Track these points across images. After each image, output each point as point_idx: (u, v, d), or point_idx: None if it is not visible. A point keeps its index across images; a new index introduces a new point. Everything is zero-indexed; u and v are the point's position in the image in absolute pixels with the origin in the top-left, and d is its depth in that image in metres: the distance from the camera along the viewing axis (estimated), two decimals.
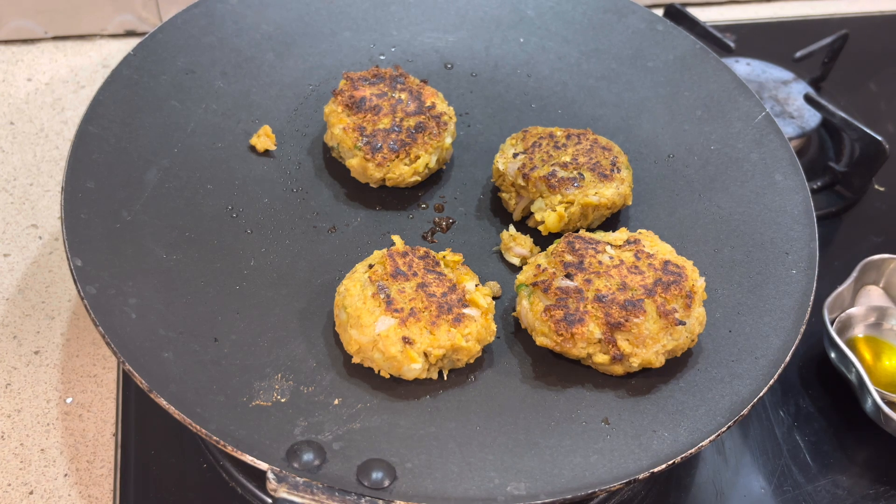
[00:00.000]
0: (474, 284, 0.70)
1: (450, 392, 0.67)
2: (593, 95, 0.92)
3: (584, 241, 0.72)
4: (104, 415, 0.80)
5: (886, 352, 0.85)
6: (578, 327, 0.66)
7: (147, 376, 0.63)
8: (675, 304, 0.68)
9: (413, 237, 0.79)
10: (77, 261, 0.68)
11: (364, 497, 0.58)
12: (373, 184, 0.81)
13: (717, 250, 0.78)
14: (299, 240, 0.77)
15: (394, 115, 0.81)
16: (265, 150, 0.83)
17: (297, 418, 0.64)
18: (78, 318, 0.87)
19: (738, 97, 0.89)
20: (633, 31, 0.96)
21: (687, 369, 0.69)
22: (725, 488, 0.79)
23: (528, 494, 0.61)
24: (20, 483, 0.75)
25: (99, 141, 0.77)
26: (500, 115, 0.90)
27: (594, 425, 0.66)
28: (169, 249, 0.73)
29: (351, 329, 0.66)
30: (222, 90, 0.86)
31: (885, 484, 0.80)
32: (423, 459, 0.62)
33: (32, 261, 0.92)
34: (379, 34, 0.94)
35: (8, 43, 1.15)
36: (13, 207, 0.96)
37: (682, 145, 0.87)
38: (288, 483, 0.58)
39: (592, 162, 0.78)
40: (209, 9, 0.90)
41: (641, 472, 0.62)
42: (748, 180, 0.83)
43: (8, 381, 0.82)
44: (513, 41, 0.96)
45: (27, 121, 1.06)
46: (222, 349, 0.67)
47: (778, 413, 0.84)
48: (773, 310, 0.73)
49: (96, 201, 0.73)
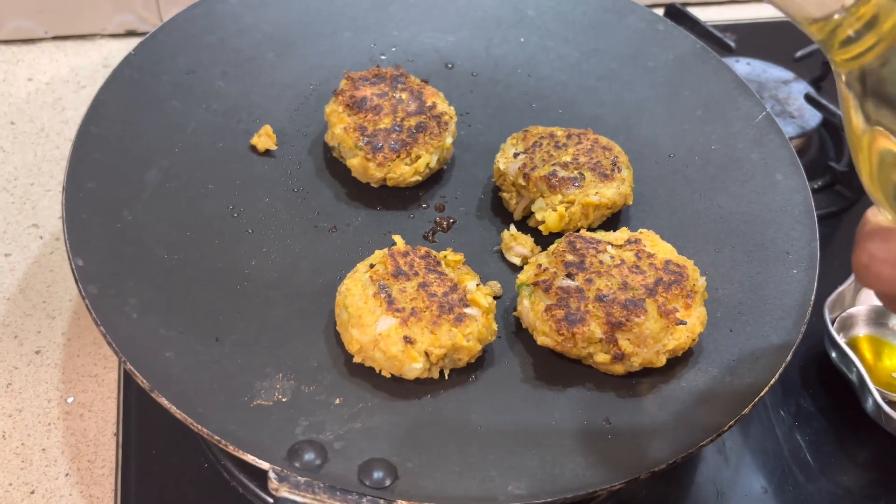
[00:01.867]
0: (475, 284, 0.70)
1: (451, 391, 0.67)
2: (594, 95, 0.92)
3: (585, 240, 0.72)
4: (105, 414, 0.80)
5: (887, 351, 0.85)
6: (579, 327, 0.66)
7: (148, 376, 0.63)
8: (676, 304, 0.68)
9: (414, 237, 0.79)
10: (78, 260, 0.68)
11: (365, 496, 0.58)
12: (374, 183, 0.81)
13: (717, 250, 0.78)
14: (300, 239, 0.77)
15: (395, 114, 0.81)
16: (266, 150, 0.83)
17: (298, 418, 0.64)
18: (79, 317, 0.87)
19: (739, 97, 0.89)
20: (633, 31, 0.96)
21: (688, 369, 0.69)
22: (726, 488, 0.79)
23: (528, 494, 0.61)
24: (21, 483, 0.76)
25: (100, 141, 0.77)
26: (501, 115, 0.90)
27: (595, 425, 0.66)
28: (170, 249, 0.73)
29: (352, 328, 0.66)
30: (223, 90, 0.86)
31: (886, 484, 0.80)
32: (424, 459, 0.62)
33: (33, 260, 0.92)
34: (379, 34, 0.94)
35: (8, 43, 1.15)
36: (14, 207, 0.96)
37: (682, 145, 0.87)
38: (289, 482, 0.58)
39: (593, 162, 0.78)
40: (209, 9, 0.90)
41: (642, 472, 0.62)
42: (749, 180, 0.83)
43: (9, 380, 0.82)
44: (513, 41, 0.96)
45: (28, 121, 1.06)
46: (223, 349, 0.67)
47: (779, 413, 0.84)
48: (774, 309, 0.73)
49: (97, 201, 0.73)
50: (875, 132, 0.45)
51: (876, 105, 0.45)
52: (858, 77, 0.45)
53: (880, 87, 0.44)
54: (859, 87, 0.45)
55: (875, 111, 0.45)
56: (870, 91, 0.45)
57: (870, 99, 0.45)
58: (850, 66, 0.45)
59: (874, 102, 0.45)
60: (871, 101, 0.45)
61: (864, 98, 0.45)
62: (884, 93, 0.44)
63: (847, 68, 0.45)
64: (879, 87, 0.44)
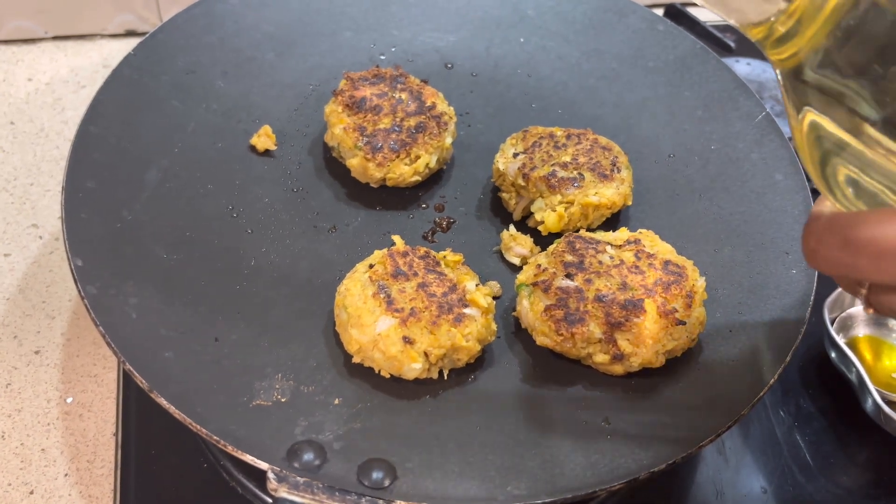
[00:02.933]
0: (475, 284, 0.70)
1: (450, 392, 0.67)
2: (593, 95, 0.92)
3: (585, 240, 0.72)
4: (104, 414, 0.80)
5: (887, 351, 0.85)
6: (579, 327, 0.66)
7: (147, 376, 0.63)
8: (676, 304, 0.68)
9: (413, 237, 0.79)
10: (77, 260, 0.68)
11: (364, 497, 0.58)
12: (373, 184, 0.81)
13: (717, 250, 0.78)
14: (300, 239, 0.77)
15: (394, 114, 0.81)
16: (265, 150, 0.83)
17: (297, 418, 0.64)
18: (78, 317, 0.87)
19: (739, 97, 0.89)
20: (633, 31, 0.96)
21: (687, 369, 0.69)
22: (725, 488, 0.79)
23: (528, 494, 0.61)
24: (21, 483, 0.76)
25: (99, 141, 0.77)
26: (501, 115, 0.90)
27: (594, 425, 0.66)
28: (169, 249, 0.73)
29: (351, 329, 0.66)
30: (223, 90, 0.86)
31: (886, 484, 0.80)
32: (424, 459, 0.62)
33: (33, 260, 0.92)
34: (379, 34, 0.94)
35: (8, 43, 1.15)
36: (13, 207, 0.96)
37: (682, 145, 0.87)
38: (288, 483, 0.58)
39: (592, 162, 0.78)
40: (209, 9, 0.90)
41: (642, 472, 0.62)
42: (749, 180, 0.83)
43: (8, 380, 0.82)
44: (513, 41, 0.96)
45: (27, 121, 1.06)
46: (223, 349, 0.67)
47: (778, 413, 0.84)
48: (774, 310, 0.73)
49: (97, 201, 0.73)
50: (806, 112, 0.48)
51: (811, 91, 0.47)
52: (794, 69, 0.48)
53: (809, 75, 0.47)
54: (794, 77, 0.48)
55: (810, 97, 0.48)
56: (808, 81, 0.47)
57: (805, 87, 0.48)
58: (784, 65, 0.48)
59: (809, 89, 0.47)
60: (806, 88, 0.48)
61: (798, 85, 0.48)
62: (817, 82, 0.47)
63: (782, 66, 0.48)
64: (809, 75, 0.47)
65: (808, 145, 0.48)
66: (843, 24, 0.45)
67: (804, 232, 0.46)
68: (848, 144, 0.46)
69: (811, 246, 0.45)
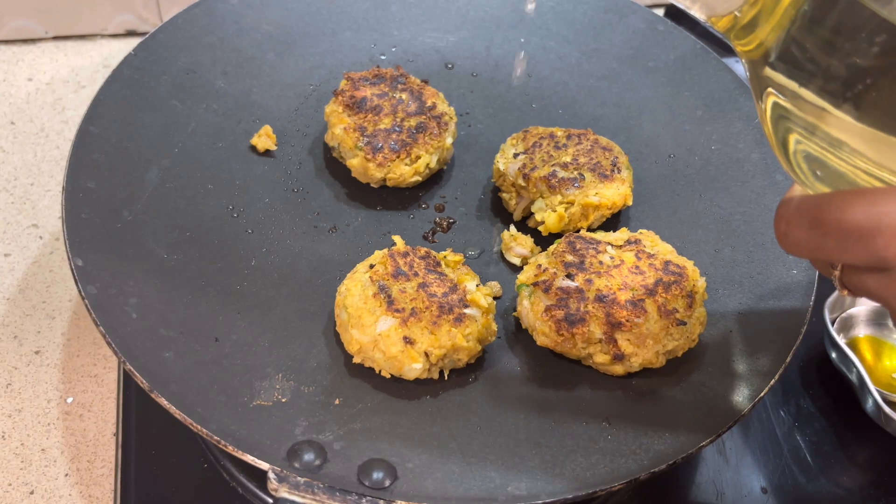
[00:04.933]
0: (475, 284, 0.70)
1: (450, 392, 0.67)
2: (594, 95, 0.92)
3: (585, 241, 0.72)
4: (105, 414, 0.80)
5: (887, 352, 0.85)
6: (579, 327, 0.66)
7: (148, 376, 0.63)
8: (676, 305, 0.68)
9: (414, 237, 0.79)
10: (78, 260, 0.68)
11: (365, 497, 0.58)
12: (373, 184, 0.81)
13: (717, 250, 0.78)
14: (300, 240, 0.77)
15: (395, 115, 0.81)
16: (266, 150, 0.83)
17: (297, 418, 0.64)
18: (79, 317, 0.87)
19: (739, 97, 0.89)
20: (633, 31, 0.96)
21: (687, 369, 0.69)
22: (725, 488, 0.79)
23: (528, 494, 0.61)
24: (21, 483, 0.76)
25: (99, 141, 0.77)
26: (501, 115, 0.90)
27: (595, 425, 0.66)
28: (170, 249, 0.73)
29: (352, 329, 0.66)
30: (223, 90, 0.86)
31: (886, 484, 0.80)
32: (424, 459, 0.62)
33: (33, 261, 0.92)
34: (380, 34, 0.94)
35: (8, 43, 1.15)
36: (14, 207, 0.96)
37: (682, 145, 0.87)
38: (289, 483, 0.58)
39: (593, 162, 0.78)
40: (210, 9, 0.90)
41: (642, 472, 0.62)
42: (749, 180, 0.83)
43: (9, 380, 0.82)
44: (513, 41, 0.96)
45: (28, 121, 1.06)
46: (223, 349, 0.67)
47: (779, 413, 0.84)
48: (774, 310, 0.73)
49: (97, 201, 0.73)
50: (768, 95, 0.49)
51: (776, 76, 0.48)
52: (760, 58, 0.49)
53: (773, 61, 0.48)
54: (760, 65, 0.49)
55: (774, 82, 0.48)
56: (773, 66, 0.48)
57: (770, 72, 0.48)
58: (750, 56, 0.49)
59: (774, 75, 0.48)
60: (771, 74, 0.48)
61: (763, 71, 0.49)
62: (781, 67, 0.48)
63: (748, 56, 0.50)
64: (773, 61, 0.48)
65: (772, 128, 0.49)
66: (802, 9, 0.46)
67: (775, 216, 0.47)
68: (813, 125, 0.47)
69: (782, 229, 0.46)
